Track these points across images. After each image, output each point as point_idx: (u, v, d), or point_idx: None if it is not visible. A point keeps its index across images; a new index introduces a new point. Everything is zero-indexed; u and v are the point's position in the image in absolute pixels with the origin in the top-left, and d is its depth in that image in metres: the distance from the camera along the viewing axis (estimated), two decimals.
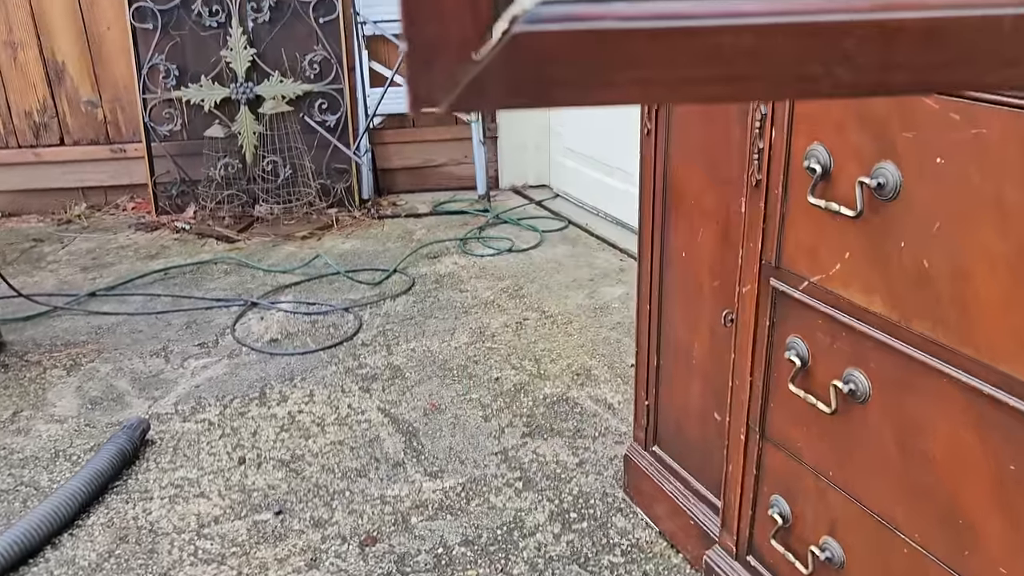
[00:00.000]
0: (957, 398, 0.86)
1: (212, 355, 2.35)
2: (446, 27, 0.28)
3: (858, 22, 0.29)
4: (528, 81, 0.28)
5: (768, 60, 0.29)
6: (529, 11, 0.28)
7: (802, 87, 0.31)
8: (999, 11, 0.31)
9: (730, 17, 0.29)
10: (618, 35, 0.28)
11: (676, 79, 0.29)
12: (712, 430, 1.37)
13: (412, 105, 0.29)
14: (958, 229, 0.82)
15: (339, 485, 1.76)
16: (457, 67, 0.28)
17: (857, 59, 0.30)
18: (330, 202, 3.50)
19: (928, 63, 0.30)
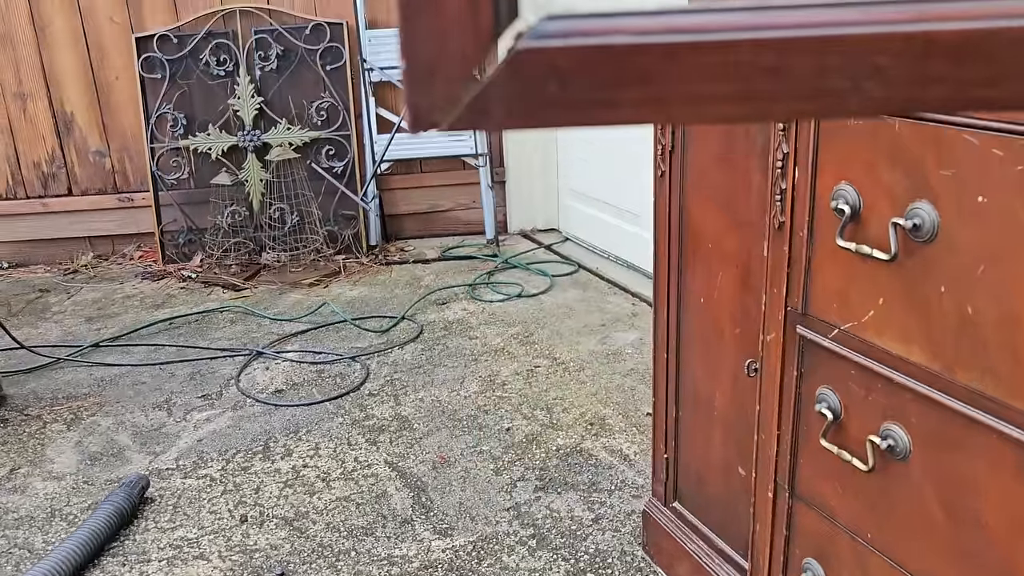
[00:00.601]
0: (1009, 455, 0.79)
1: (215, 407, 2.29)
2: (446, 43, 0.26)
3: (889, 34, 0.27)
4: (533, 100, 0.26)
5: (790, 76, 0.27)
6: (534, 27, 0.27)
7: (827, 103, 0.28)
8: None
9: (749, 31, 0.27)
10: (629, 51, 0.26)
11: (690, 97, 0.27)
12: (736, 485, 1.30)
13: (412, 125, 0.27)
14: (1005, 272, 0.76)
15: (344, 545, 1.68)
16: (458, 85, 0.26)
17: (889, 72, 0.27)
18: (337, 249, 3.47)
19: (967, 78, 0.27)
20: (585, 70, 0.27)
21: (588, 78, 0.27)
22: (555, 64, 0.26)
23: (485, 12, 0.26)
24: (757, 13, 0.28)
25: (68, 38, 3.36)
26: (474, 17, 0.26)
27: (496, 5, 0.27)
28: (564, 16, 0.27)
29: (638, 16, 0.28)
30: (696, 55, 0.27)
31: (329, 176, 3.43)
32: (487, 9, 0.26)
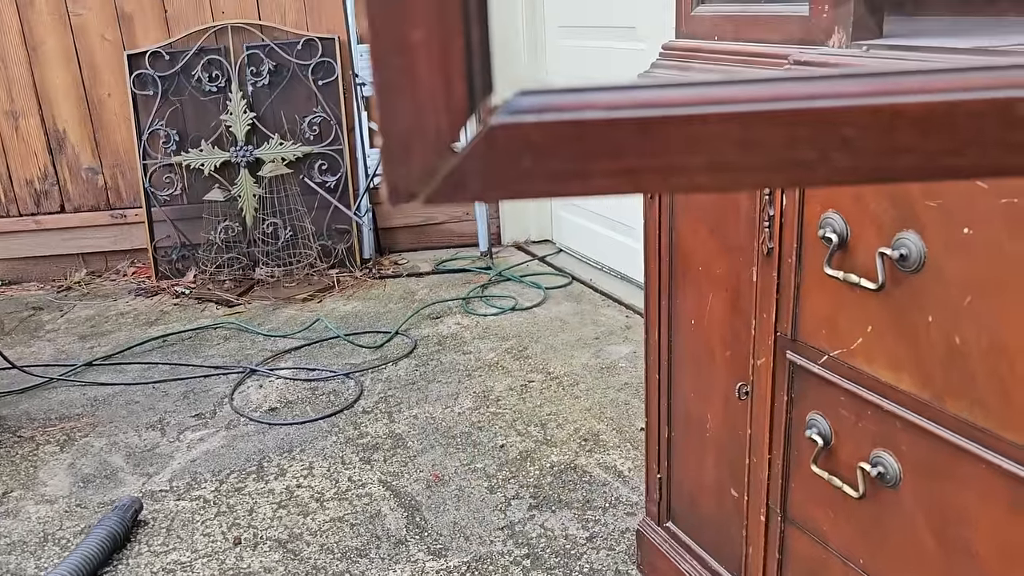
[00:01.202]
0: (1000, 487, 0.79)
1: (209, 426, 2.28)
2: (421, 119, 0.27)
3: (856, 108, 0.28)
4: (508, 173, 0.27)
5: (759, 148, 0.28)
6: (508, 101, 0.27)
7: (796, 174, 0.29)
8: (1008, 93, 0.28)
9: (718, 104, 0.27)
10: (602, 125, 0.27)
11: (661, 169, 0.28)
12: (729, 507, 1.30)
13: (390, 198, 0.28)
14: (992, 303, 0.76)
15: (338, 567, 1.68)
16: (434, 160, 0.27)
17: (856, 144, 0.28)
18: (331, 263, 3.46)
19: (932, 147, 0.28)
20: (559, 144, 0.27)
21: (562, 152, 0.27)
22: (529, 139, 0.27)
23: (459, 89, 0.27)
24: (725, 87, 0.29)
25: (60, 56, 3.36)
26: (448, 94, 0.27)
27: (470, 81, 0.27)
28: (537, 91, 0.28)
29: (609, 91, 0.28)
30: (667, 129, 0.28)
31: (322, 191, 3.43)
32: (461, 86, 0.27)
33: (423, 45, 0.26)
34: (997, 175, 0.29)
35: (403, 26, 0.26)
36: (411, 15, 0.26)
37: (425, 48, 0.26)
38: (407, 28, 0.26)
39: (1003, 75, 0.28)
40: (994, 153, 0.29)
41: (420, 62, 0.26)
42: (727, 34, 1.12)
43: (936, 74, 0.29)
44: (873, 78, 0.29)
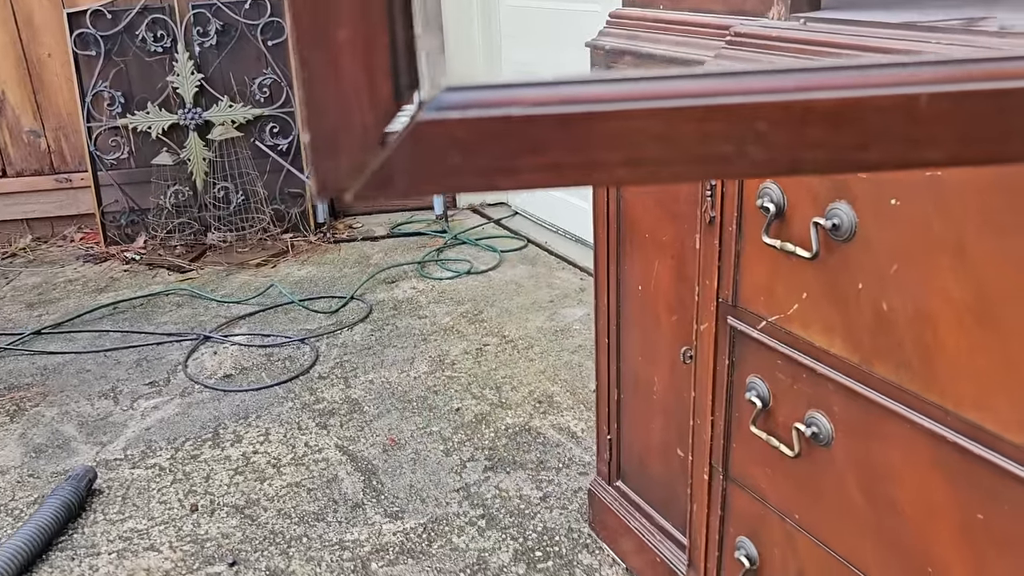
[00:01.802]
0: (923, 445, 0.83)
1: (163, 394, 2.27)
2: (347, 115, 0.27)
3: (769, 103, 0.28)
4: (435, 169, 0.28)
5: (677, 142, 0.29)
6: (434, 98, 0.28)
7: (713, 168, 0.30)
8: (913, 89, 0.30)
9: (638, 100, 0.28)
10: (526, 121, 0.27)
11: (584, 163, 0.28)
12: (675, 466, 1.34)
13: (319, 193, 0.28)
14: (917, 273, 0.80)
15: (296, 531, 1.70)
16: (362, 156, 0.27)
17: (770, 139, 0.29)
18: (284, 227, 3.43)
19: (842, 142, 0.29)
20: (484, 141, 0.28)
21: (487, 148, 0.28)
22: (455, 135, 0.27)
23: (384, 84, 0.27)
24: (645, 83, 0.30)
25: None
26: (372, 89, 0.27)
27: (396, 77, 0.28)
28: (463, 87, 0.28)
29: (533, 87, 0.29)
30: (588, 124, 0.28)
31: (274, 154, 3.38)
32: (386, 81, 0.27)
33: (348, 43, 0.26)
34: (902, 168, 0.31)
35: (328, 24, 0.26)
36: (336, 14, 0.26)
37: (350, 46, 0.26)
38: (332, 26, 0.26)
39: (907, 72, 0.30)
40: (899, 147, 0.30)
41: (345, 60, 0.26)
42: (672, 3, 1.13)
43: (845, 71, 0.30)
44: (786, 75, 0.30)
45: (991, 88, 0.29)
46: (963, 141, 0.30)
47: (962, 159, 0.31)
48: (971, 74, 0.30)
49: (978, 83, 0.30)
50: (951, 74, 0.30)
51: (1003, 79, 0.29)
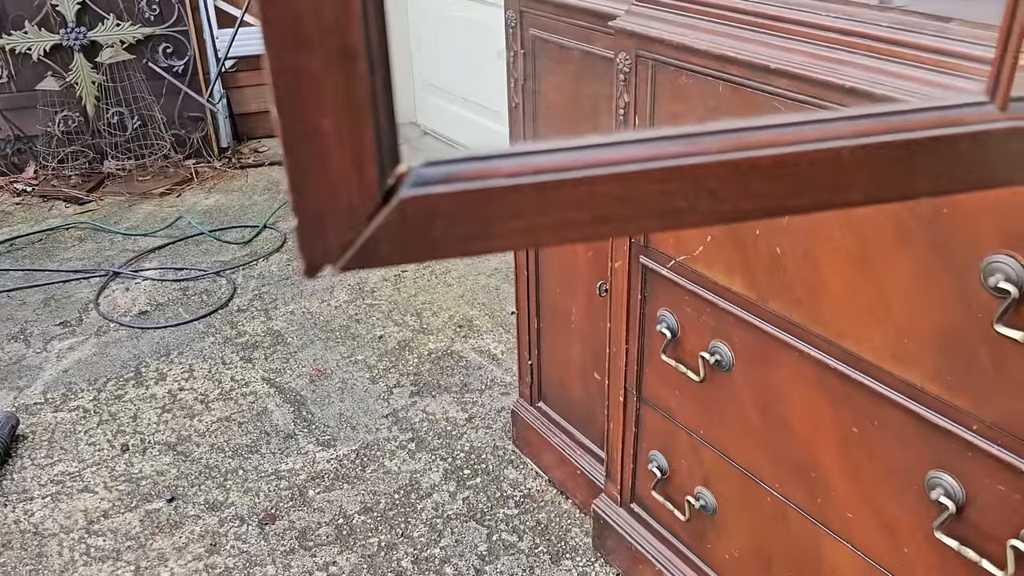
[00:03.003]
0: (809, 371, 0.95)
1: (77, 334, 2.24)
2: (334, 198, 0.28)
3: (718, 163, 0.33)
4: (418, 240, 0.29)
5: (637, 202, 0.32)
6: (415, 171, 0.30)
7: (669, 221, 0.34)
8: (838, 143, 0.36)
9: (603, 167, 0.31)
10: (505, 191, 0.30)
11: (555, 224, 0.31)
12: (593, 388, 1.45)
13: (307, 271, 0.29)
14: (806, 221, 0.89)
15: (231, 464, 1.75)
16: (348, 234, 0.29)
17: (719, 194, 0.33)
18: (187, 153, 3.33)
19: (780, 192, 0.34)
20: (465, 211, 0.30)
21: (468, 218, 0.30)
22: (437, 208, 0.30)
23: (370, 167, 0.29)
24: (610, 149, 0.32)
25: None
26: (359, 173, 0.29)
27: (380, 159, 0.30)
28: (441, 161, 0.31)
29: (509, 157, 0.31)
30: (561, 190, 0.31)
31: (169, 76, 3.24)
32: (372, 168, 0.29)
33: (333, 132, 0.28)
34: (826, 209, 0.36)
35: (313, 114, 0.27)
36: (321, 104, 0.27)
37: (335, 134, 0.28)
38: (317, 116, 0.27)
39: (832, 127, 0.36)
40: (825, 193, 0.35)
41: (331, 147, 0.28)
42: None
43: (781, 128, 0.34)
44: (732, 134, 0.36)
45: (900, 139, 0.35)
46: (878, 184, 0.36)
47: (876, 199, 0.37)
48: (886, 127, 0.36)
49: (889, 135, 0.35)
50: (868, 128, 0.36)
51: (910, 130, 0.36)
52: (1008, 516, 0.80)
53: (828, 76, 0.81)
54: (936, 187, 0.36)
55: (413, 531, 1.56)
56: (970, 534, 0.83)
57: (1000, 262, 0.73)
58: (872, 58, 0.80)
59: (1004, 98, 0.35)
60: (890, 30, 0.80)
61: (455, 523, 1.57)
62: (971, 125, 0.34)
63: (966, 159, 0.34)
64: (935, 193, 0.36)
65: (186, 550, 1.54)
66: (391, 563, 1.49)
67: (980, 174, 0.35)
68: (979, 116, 0.34)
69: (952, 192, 0.36)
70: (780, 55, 0.86)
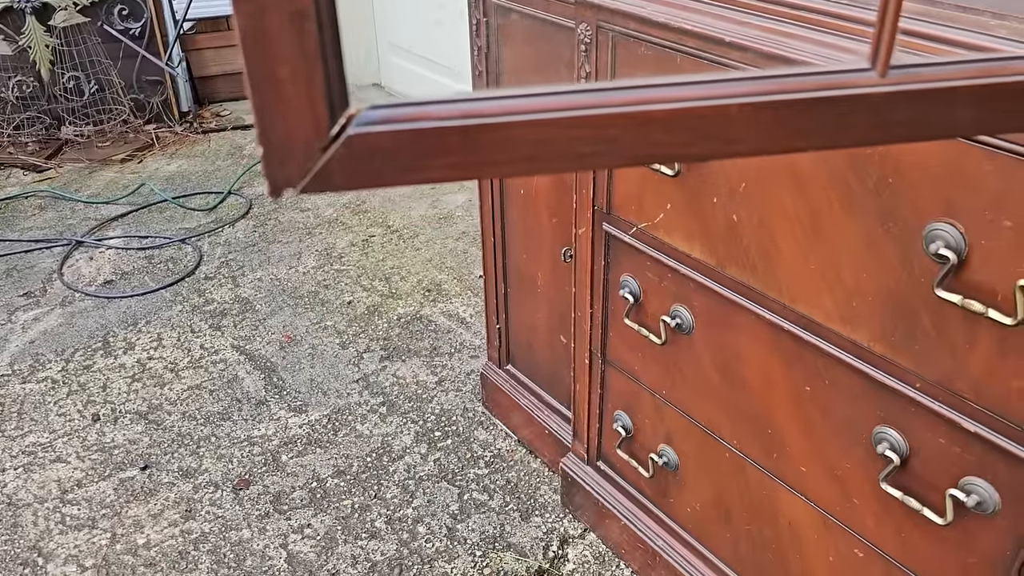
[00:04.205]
0: (765, 333, 0.99)
1: (42, 305, 2.22)
2: (292, 132, 0.33)
3: (619, 114, 0.37)
4: (364, 170, 0.34)
5: (551, 145, 0.37)
6: (361, 113, 0.35)
7: (579, 163, 0.38)
8: (728, 101, 0.40)
9: (521, 114, 0.36)
10: (433, 132, 0.34)
11: (479, 163, 0.36)
12: (559, 351, 1.49)
13: (271, 192, 0.34)
14: (760, 190, 0.93)
15: (203, 431, 1.77)
16: (305, 162, 0.34)
17: (621, 141, 0.37)
18: (147, 118, 3.28)
19: (674, 141, 0.38)
20: (401, 147, 0.36)
21: (403, 153, 0.36)
22: (378, 144, 0.35)
23: (320, 108, 0.35)
24: (527, 99, 0.39)
25: None
26: (312, 113, 0.34)
27: (330, 101, 0.36)
28: (384, 105, 0.36)
29: (440, 104, 0.36)
30: (483, 133, 0.36)
31: (126, 39, 3.17)
32: (322, 106, 0.35)
33: (289, 79, 0.33)
34: (716, 158, 0.40)
35: (272, 65, 0.33)
36: (278, 57, 0.33)
37: (291, 82, 0.33)
38: (275, 66, 0.33)
39: (723, 87, 0.40)
40: (716, 144, 0.40)
41: (288, 92, 0.33)
42: None
43: (680, 86, 0.39)
44: (633, 91, 0.40)
45: (786, 99, 0.40)
46: (764, 138, 0.41)
47: (762, 151, 0.42)
48: (778, 87, 0.40)
49: (776, 95, 0.40)
50: (760, 88, 0.40)
51: (795, 91, 0.40)
52: (947, 467, 0.85)
53: (778, 49, 0.84)
54: (817, 143, 0.40)
55: (386, 493, 1.60)
56: (913, 485, 0.88)
57: (941, 230, 0.77)
58: (823, 32, 0.82)
59: (884, 66, 0.39)
60: (840, 5, 0.82)
61: (427, 484, 1.61)
62: (852, 88, 0.38)
63: (846, 120, 0.39)
64: (816, 148, 0.40)
65: (161, 517, 1.56)
66: (365, 524, 1.53)
67: (856, 134, 0.40)
68: (861, 81, 0.38)
69: (832, 148, 0.40)
70: (735, 28, 0.88)
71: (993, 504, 0.82)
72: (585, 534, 1.48)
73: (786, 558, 1.09)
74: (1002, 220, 0.73)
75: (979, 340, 0.78)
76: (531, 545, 1.47)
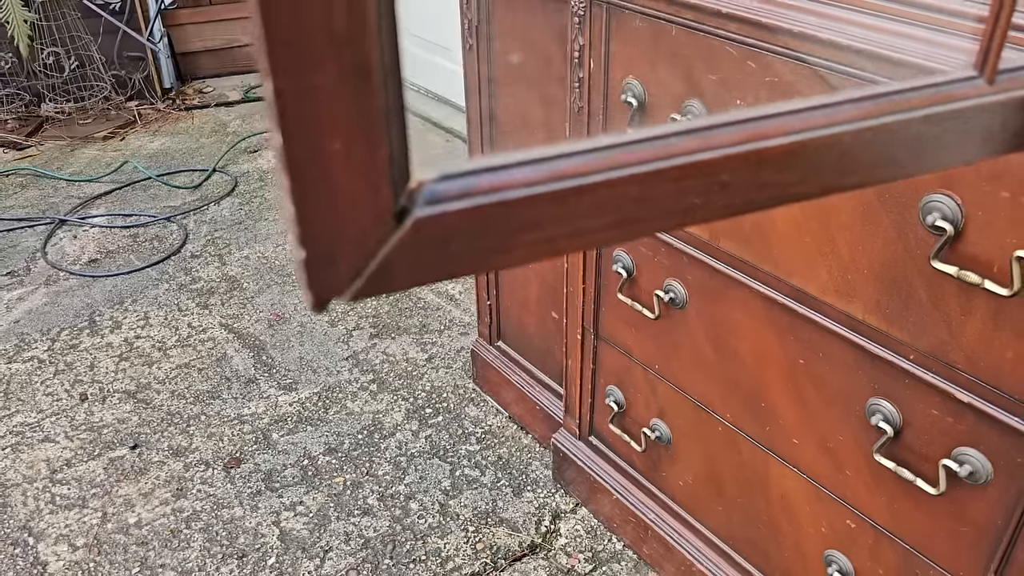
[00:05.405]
0: (759, 306, 0.99)
1: (26, 284, 2.20)
2: (345, 225, 0.26)
3: (730, 155, 0.32)
4: (434, 260, 0.27)
5: (655, 202, 0.31)
6: (427, 187, 0.27)
7: (684, 218, 0.33)
8: (839, 129, 0.35)
9: (618, 169, 0.30)
10: (522, 202, 0.28)
11: (574, 232, 0.30)
12: (551, 327, 1.49)
13: (314, 306, 0.27)
14: None
15: (193, 410, 1.76)
16: (361, 261, 0.26)
17: (731, 186, 0.32)
18: (128, 95, 3.23)
19: (787, 180, 0.33)
20: (483, 226, 0.28)
21: (486, 233, 0.28)
22: (454, 226, 0.27)
23: (383, 190, 0.26)
24: (624, 149, 0.31)
25: None
26: (374, 199, 0.26)
27: (393, 180, 0.27)
28: (454, 175, 0.28)
29: (524, 166, 0.29)
30: (579, 197, 0.30)
31: (106, 14, 3.12)
32: (384, 187, 0.26)
33: (343, 154, 0.25)
34: (828, 194, 0.35)
35: (322, 137, 0.25)
36: (330, 125, 0.25)
37: (345, 157, 0.25)
38: (326, 139, 0.25)
39: (836, 112, 0.35)
40: (829, 178, 0.35)
41: (340, 171, 0.25)
42: None
43: (787, 116, 0.33)
44: (742, 125, 0.33)
45: (897, 120, 0.34)
46: (876, 166, 0.35)
47: (875, 180, 0.36)
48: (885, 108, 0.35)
49: (884, 117, 0.34)
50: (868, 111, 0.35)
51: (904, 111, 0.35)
52: (940, 438, 0.85)
53: (776, 20, 0.83)
54: (930, 165, 0.36)
55: (378, 470, 1.60)
56: (906, 456, 0.89)
57: (938, 201, 0.77)
58: (819, 3, 0.82)
59: (992, 71, 0.35)
60: None
61: (418, 460, 1.62)
62: (962, 101, 0.35)
63: (957, 136, 0.35)
64: (929, 170, 0.37)
65: (152, 495, 1.56)
66: (357, 501, 1.53)
67: (968, 149, 0.36)
68: (970, 91, 0.35)
69: (944, 167, 0.37)
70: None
71: (985, 474, 0.83)
72: (577, 509, 1.49)
73: (778, 530, 1.10)
74: (1000, 191, 0.73)
75: (974, 311, 0.78)
76: (523, 520, 1.48)
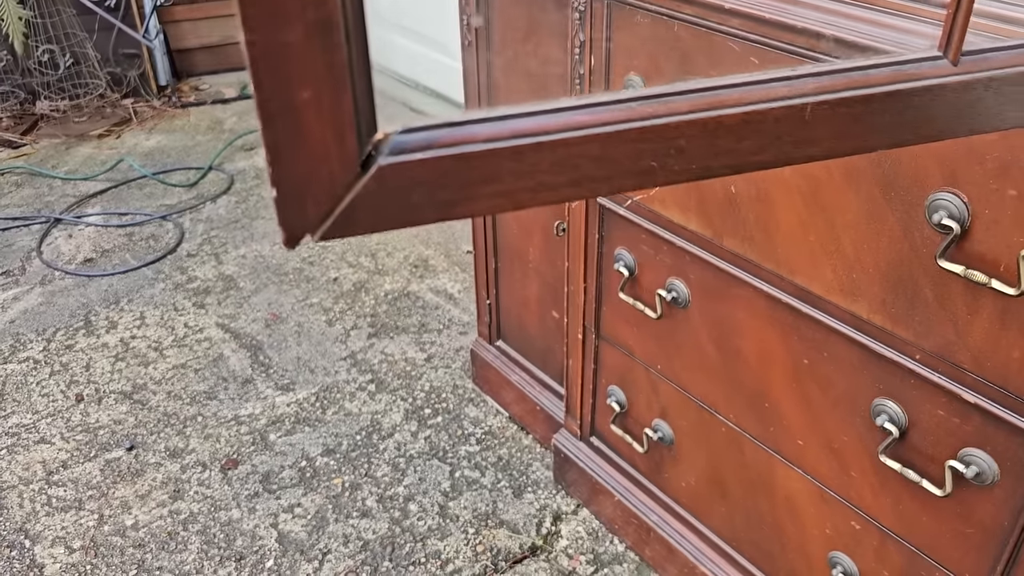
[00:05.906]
0: (762, 305, 0.98)
1: (21, 284, 2.18)
2: (314, 169, 0.28)
3: (688, 121, 0.33)
4: (397, 207, 0.29)
5: (612, 162, 0.32)
6: (392, 138, 0.29)
7: (642, 179, 0.34)
8: (801, 100, 0.36)
9: (578, 129, 0.31)
10: (482, 156, 0.29)
11: (533, 187, 0.31)
12: (551, 326, 1.48)
13: (286, 241, 0.29)
14: None
15: (189, 411, 1.75)
16: (328, 203, 0.28)
17: (688, 152, 0.33)
18: (124, 92, 3.21)
19: (745, 148, 0.34)
20: (443, 177, 0.30)
21: (446, 183, 0.30)
22: (416, 175, 0.29)
23: (349, 137, 0.28)
24: (585, 111, 0.32)
25: None
26: (338, 143, 0.28)
27: (359, 128, 0.29)
28: (418, 128, 0.30)
29: (485, 123, 0.31)
30: (538, 154, 0.31)
31: (101, 10, 3.10)
32: (351, 134, 0.28)
33: (312, 104, 0.27)
34: (789, 164, 0.35)
35: (292, 87, 0.27)
36: (299, 76, 0.27)
37: (315, 106, 0.27)
38: (295, 89, 0.27)
39: (798, 84, 0.36)
40: (788, 148, 0.35)
41: (310, 119, 0.27)
42: None
43: (748, 87, 0.34)
44: (700, 93, 0.34)
45: (859, 95, 0.36)
46: (838, 138, 0.36)
47: (835, 153, 0.37)
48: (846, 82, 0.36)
49: (844, 92, 0.36)
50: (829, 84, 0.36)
51: (866, 87, 0.36)
52: (946, 439, 0.84)
53: (778, 16, 0.82)
54: (892, 140, 0.37)
55: (376, 471, 1.58)
56: (912, 457, 0.88)
57: (944, 199, 0.76)
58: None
59: (956, 53, 0.36)
60: None
61: (418, 462, 1.60)
62: (926, 80, 0.35)
63: (920, 113, 0.36)
64: (891, 146, 0.37)
65: (149, 497, 1.54)
66: (356, 503, 1.51)
67: (932, 127, 0.37)
68: (934, 71, 0.35)
69: (906, 144, 0.37)
70: None
71: (992, 475, 0.82)
72: (578, 510, 1.48)
73: (782, 531, 1.09)
74: (1007, 189, 0.72)
75: (981, 311, 0.77)
76: (524, 522, 1.46)
